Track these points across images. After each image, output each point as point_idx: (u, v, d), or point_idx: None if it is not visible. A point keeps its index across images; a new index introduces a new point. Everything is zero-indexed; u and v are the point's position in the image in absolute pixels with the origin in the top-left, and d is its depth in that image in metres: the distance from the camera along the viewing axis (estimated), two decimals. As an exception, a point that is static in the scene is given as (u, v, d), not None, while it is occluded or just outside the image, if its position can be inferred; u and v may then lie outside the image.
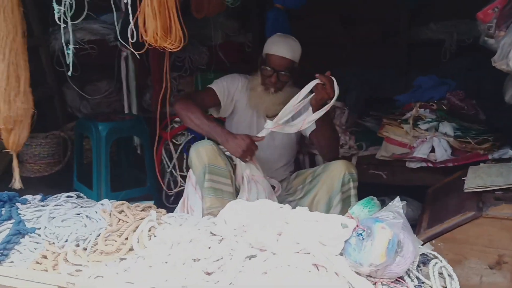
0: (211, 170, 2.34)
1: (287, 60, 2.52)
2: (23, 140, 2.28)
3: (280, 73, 2.53)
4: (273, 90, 2.57)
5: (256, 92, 2.62)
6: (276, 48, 2.54)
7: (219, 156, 2.38)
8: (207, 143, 2.39)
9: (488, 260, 2.18)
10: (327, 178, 2.46)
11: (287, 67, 2.53)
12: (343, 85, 4.25)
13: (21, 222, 1.99)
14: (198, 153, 2.37)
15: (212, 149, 2.36)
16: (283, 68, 2.53)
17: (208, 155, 2.34)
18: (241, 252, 1.71)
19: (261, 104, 2.60)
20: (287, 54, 2.52)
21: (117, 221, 1.98)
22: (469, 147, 2.90)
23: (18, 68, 2.16)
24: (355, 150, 3.18)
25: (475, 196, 2.33)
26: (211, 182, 2.34)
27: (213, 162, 2.35)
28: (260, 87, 2.60)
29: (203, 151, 2.36)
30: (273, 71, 2.54)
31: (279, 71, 2.53)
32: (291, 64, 2.55)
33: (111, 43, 4.31)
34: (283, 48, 2.54)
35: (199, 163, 2.36)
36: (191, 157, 2.41)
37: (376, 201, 1.90)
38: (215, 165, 2.35)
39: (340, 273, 1.58)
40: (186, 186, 2.62)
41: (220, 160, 2.37)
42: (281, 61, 2.51)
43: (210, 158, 2.34)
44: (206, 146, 2.37)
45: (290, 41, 2.59)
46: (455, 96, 3.26)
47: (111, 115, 3.58)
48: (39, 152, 3.86)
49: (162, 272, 1.70)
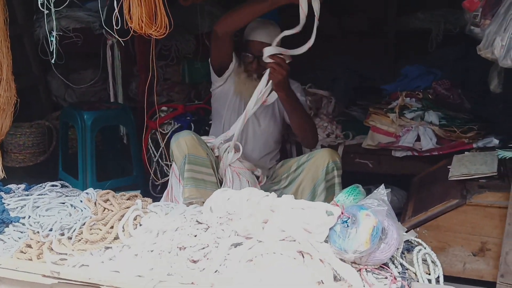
0: (191, 160, 2.31)
1: (266, 44, 2.48)
2: (6, 128, 2.25)
3: (260, 59, 2.50)
4: (256, 76, 2.56)
5: (239, 79, 2.62)
6: (255, 34, 2.54)
7: (200, 146, 2.35)
8: (187, 134, 2.37)
9: (472, 247, 2.21)
10: (312, 167, 2.47)
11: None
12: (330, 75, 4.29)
13: (4, 211, 1.97)
14: (178, 144, 2.34)
15: (192, 139, 2.33)
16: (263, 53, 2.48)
17: (188, 145, 2.31)
18: (227, 240, 1.71)
19: (245, 90, 2.59)
20: (267, 39, 2.50)
21: (102, 210, 1.96)
22: (454, 136, 2.93)
23: (0, 55, 2.13)
24: (342, 139, 3.19)
25: (459, 184, 2.36)
26: (192, 172, 2.31)
27: (193, 152, 2.32)
28: (243, 74, 2.60)
29: (183, 141, 2.33)
30: (253, 57, 2.54)
31: (259, 56, 2.50)
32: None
33: (97, 31, 4.26)
34: (261, 34, 2.53)
35: (179, 153, 2.33)
36: (171, 148, 2.38)
37: (361, 189, 1.91)
38: (196, 155, 2.32)
39: (325, 260, 1.59)
40: (170, 177, 2.60)
41: (201, 150, 2.35)
42: (261, 46, 2.47)
43: (189, 148, 2.31)
44: (186, 136, 2.34)
45: (268, 25, 2.57)
46: (441, 85, 3.28)
47: (97, 104, 3.55)
48: (24, 142, 3.81)
49: (147, 261, 1.70)
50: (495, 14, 2.08)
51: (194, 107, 3.64)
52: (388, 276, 1.61)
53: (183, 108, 3.53)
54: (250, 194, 1.88)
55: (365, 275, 1.59)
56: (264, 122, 2.68)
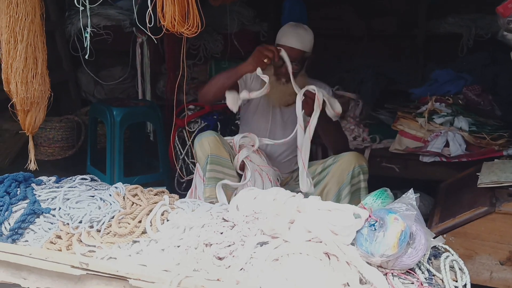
0: (214, 161, 2.34)
1: (297, 50, 2.48)
2: (39, 122, 2.30)
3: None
4: (285, 80, 2.54)
5: (268, 82, 2.60)
6: (286, 39, 2.51)
7: (222, 146, 2.37)
8: (210, 134, 2.39)
9: (499, 256, 2.17)
10: (337, 170, 2.45)
11: (297, 57, 2.49)
12: (358, 77, 4.27)
13: (36, 202, 2.01)
14: (201, 144, 2.36)
15: (215, 140, 2.36)
16: (293, 59, 2.47)
17: (211, 146, 2.34)
18: (253, 238, 1.72)
19: (273, 94, 2.57)
20: (297, 45, 2.48)
21: (130, 204, 1.99)
22: (484, 143, 2.88)
23: (36, 50, 2.17)
24: (368, 142, 3.16)
25: (488, 192, 2.31)
26: (214, 172, 2.33)
27: (216, 152, 2.34)
28: (272, 77, 2.57)
29: (206, 141, 2.35)
30: (282, 62, 2.48)
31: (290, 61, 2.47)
32: (302, 54, 2.51)
33: (127, 29, 4.33)
34: (293, 39, 2.50)
35: (202, 154, 2.36)
36: (195, 149, 2.41)
37: (389, 192, 1.89)
38: (218, 155, 2.35)
39: (351, 262, 1.58)
40: (194, 176, 2.61)
41: (223, 151, 2.37)
42: (291, 52, 2.46)
43: (212, 148, 2.34)
44: (209, 137, 2.37)
45: (300, 31, 2.54)
46: (471, 90, 3.22)
47: (126, 100, 3.60)
48: (53, 136, 3.90)
49: (174, 256, 1.72)
50: (531, 20, 2.05)
51: (220, 106, 3.66)
52: (414, 281, 1.59)
53: (210, 107, 3.55)
54: (276, 194, 1.89)
55: (391, 279, 1.58)
56: (292, 126, 2.67)
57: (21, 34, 2.13)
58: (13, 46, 2.13)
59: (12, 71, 2.16)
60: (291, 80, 2.39)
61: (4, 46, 2.12)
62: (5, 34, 2.10)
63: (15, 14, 2.11)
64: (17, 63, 2.15)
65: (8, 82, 2.18)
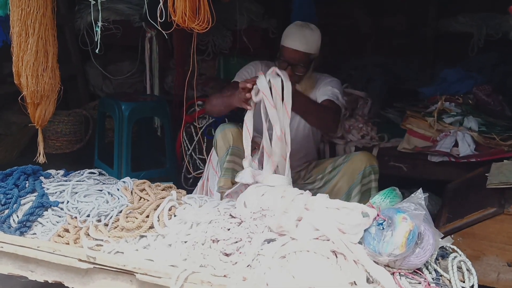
0: (235, 152, 2.33)
1: (300, 53, 2.43)
2: (48, 115, 2.31)
3: (294, 66, 2.45)
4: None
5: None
6: (289, 41, 2.45)
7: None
8: (233, 125, 2.39)
9: (507, 257, 2.16)
10: (348, 169, 2.44)
11: (301, 60, 2.45)
12: (366, 75, 4.25)
13: (44, 195, 2.02)
14: (224, 134, 2.36)
15: (238, 131, 2.34)
16: (297, 61, 2.44)
17: (234, 137, 2.33)
18: (260, 235, 1.72)
19: None
20: (301, 47, 2.43)
21: (138, 199, 2.00)
22: (493, 143, 2.86)
23: (47, 43, 2.17)
24: (377, 141, 3.14)
25: (497, 193, 2.30)
26: (232, 163, 2.34)
27: (238, 144, 2.32)
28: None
29: (229, 132, 2.35)
30: (287, 64, 2.45)
31: (293, 64, 2.44)
32: (306, 57, 2.45)
33: (136, 24, 4.33)
34: (296, 41, 2.44)
35: (224, 144, 2.35)
36: (216, 138, 2.40)
37: (397, 191, 1.88)
38: (240, 147, 2.32)
39: (359, 261, 1.58)
40: (206, 168, 2.62)
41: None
42: (295, 55, 2.43)
43: (235, 139, 2.33)
44: (232, 128, 2.37)
45: (306, 32, 2.47)
46: (481, 90, 3.20)
47: (134, 95, 3.60)
48: (61, 129, 3.91)
49: (181, 251, 1.72)
50: (544, 20, 2.03)
51: (228, 102, 3.66)
52: (422, 281, 1.59)
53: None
54: (284, 191, 1.88)
55: (398, 279, 1.58)
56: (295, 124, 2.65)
57: (32, 27, 2.14)
58: (24, 39, 2.14)
59: (23, 64, 2.16)
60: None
61: (16, 39, 2.13)
62: (17, 27, 2.11)
63: (26, 7, 2.11)
64: (28, 56, 2.15)
65: (18, 75, 2.19)
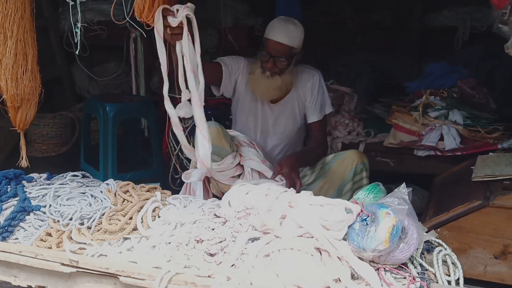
0: (214, 151, 2.29)
1: (283, 45, 2.45)
2: (30, 118, 2.28)
3: (276, 59, 2.46)
4: (269, 74, 2.51)
5: (253, 76, 2.56)
6: (273, 33, 2.47)
7: (224, 137, 2.36)
8: (213, 125, 2.37)
9: (494, 249, 2.17)
10: (339, 167, 2.46)
11: (283, 52, 2.46)
12: (353, 72, 4.25)
13: (26, 200, 2.00)
14: None
15: (217, 131, 2.34)
16: (280, 54, 2.46)
17: (213, 136, 2.31)
18: (244, 234, 1.71)
19: (257, 87, 2.55)
20: (284, 40, 2.44)
21: (121, 201, 1.98)
22: (478, 136, 2.87)
23: (26, 46, 2.15)
24: (363, 136, 3.15)
25: (482, 185, 2.31)
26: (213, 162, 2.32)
27: (218, 143, 2.32)
28: (258, 70, 2.54)
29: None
30: (269, 56, 2.47)
31: (275, 56, 2.46)
32: (289, 50, 2.47)
33: (121, 24, 4.29)
34: (280, 33, 2.46)
35: None
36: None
37: (381, 187, 1.88)
38: (219, 146, 2.33)
39: (343, 257, 1.57)
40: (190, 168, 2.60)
41: (225, 142, 2.35)
42: (277, 47, 2.44)
43: (214, 139, 2.30)
44: (211, 127, 2.33)
45: (289, 25, 2.50)
46: (466, 84, 3.21)
47: (119, 96, 3.58)
48: (47, 132, 3.89)
49: (165, 252, 1.71)
50: (525, 11, 2.03)
51: (215, 102, 3.64)
52: (407, 276, 1.58)
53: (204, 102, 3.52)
54: (268, 189, 1.88)
55: (383, 274, 1.57)
56: (284, 122, 2.66)
57: (11, 30, 2.11)
58: (3, 42, 2.11)
59: (2, 68, 2.14)
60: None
61: (-6, 42, 2.10)
62: (-5, 30, 2.08)
63: (4, 10, 2.09)
64: (6, 60, 2.13)
65: (-2, 78, 2.16)
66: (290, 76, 2.52)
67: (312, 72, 2.64)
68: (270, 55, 2.46)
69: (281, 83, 2.50)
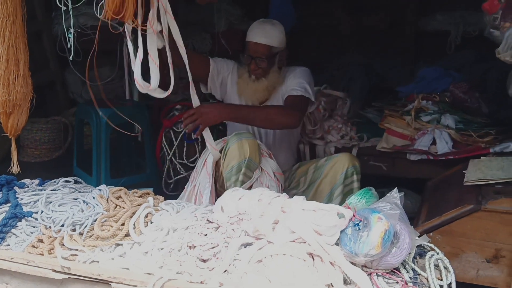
0: (249, 165, 2.29)
1: (262, 45, 2.49)
2: (21, 124, 2.26)
3: (257, 59, 2.51)
4: (254, 77, 2.55)
5: (242, 79, 2.62)
6: (251, 35, 2.53)
7: (258, 152, 2.33)
8: (250, 136, 2.34)
9: (486, 253, 2.17)
10: (330, 171, 2.47)
11: (262, 52, 2.50)
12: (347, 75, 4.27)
13: (18, 206, 1.99)
14: (241, 145, 2.29)
15: (253, 144, 2.31)
16: (259, 54, 2.50)
17: (251, 149, 2.28)
18: (237, 240, 1.70)
19: (244, 91, 2.60)
20: (261, 40, 2.48)
21: (114, 207, 1.97)
22: (470, 140, 2.88)
23: (18, 51, 2.14)
24: (356, 141, 3.16)
25: (475, 190, 2.32)
26: (245, 176, 2.30)
27: (253, 157, 2.30)
28: (245, 75, 2.60)
29: (246, 143, 2.29)
30: (250, 58, 2.52)
31: (256, 57, 2.51)
32: (268, 49, 2.51)
33: (114, 28, 4.29)
34: (257, 34, 2.51)
35: (239, 154, 2.29)
36: (230, 145, 2.32)
37: (373, 191, 1.88)
38: (253, 160, 2.31)
39: (335, 262, 1.58)
40: (197, 171, 2.53)
41: (257, 156, 2.33)
42: (256, 47, 2.49)
43: (251, 152, 2.28)
44: (249, 139, 2.31)
45: (266, 26, 2.54)
46: (458, 88, 3.22)
47: (112, 101, 3.56)
48: (40, 137, 3.86)
49: (157, 259, 1.70)
50: (515, 17, 2.05)
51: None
52: (399, 281, 1.59)
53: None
54: (261, 195, 1.88)
55: (375, 279, 1.57)
56: None
57: (2, 35, 2.10)
58: (-6, 48, 2.10)
59: (-7, 73, 2.13)
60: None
61: (-16, 48, 2.09)
62: (-15, 36, 2.07)
63: (-5, 16, 2.07)
64: (-2, 65, 2.12)
65: (-11, 84, 2.15)
66: (275, 75, 2.56)
67: (298, 68, 2.66)
68: (252, 57, 2.52)
69: (267, 84, 2.55)
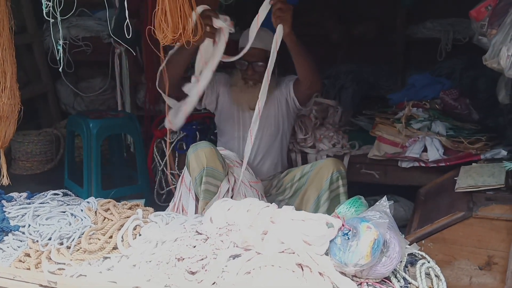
0: (209, 173, 2.30)
1: (258, 50, 2.51)
2: (9, 136, 2.24)
3: (254, 64, 2.54)
4: (252, 83, 2.58)
5: (237, 87, 2.64)
6: (245, 41, 2.49)
7: (217, 159, 2.34)
8: (207, 145, 2.36)
9: (478, 260, 2.16)
10: (315, 177, 2.45)
11: (259, 57, 2.53)
12: (338, 83, 4.27)
13: (5, 220, 1.97)
14: (197, 155, 2.32)
15: (211, 151, 2.32)
16: (256, 59, 2.53)
17: (207, 158, 2.30)
18: (226, 251, 1.69)
19: (242, 97, 2.62)
20: (257, 44, 2.48)
21: (102, 219, 1.95)
22: (461, 147, 2.88)
23: (5, 63, 2.12)
24: (348, 149, 3.15)
25: (466, 196, 2.31)
26: (208, 184, 2.30)
27: (212, 165, 2.31)
28: (240, 82, 2.63)
29: (202, 153, 2.31)
30: (247, 64, 2.55)
31: (253, 62, 2.53)
32: (264, 53, 2.52)
33: (106, 40, 4.30)
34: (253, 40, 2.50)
35: (197, 165, 2.31)
36: (189, 159, 2.35)
37: (363, 200, 1.88)
38: (214, 168, 2.31)
39: (325, 273, 1.56)
40: (178, 186, 2.57)
41: (218, 163, 2.34)
42: (253, 52, 2.48)
43: (209, 160, 2.30)
44: (205, 148, 2.33)
45: (260, 31, 2.48)
46: (448, 95, 3.23)
47: (103, 112, 3.56)
48: (31, 150, 3.85)
49: (145, 271, 1.68)
50: (502, 24, 2.05)
51: (200, 116, 3.63)
52: (389, 290, 1.58)
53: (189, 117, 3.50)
54: (250, 205, 1.86)
55: (365, 289, 1.56)
56: (264, 129, 2.67)
57: (-12, 48, 2.09)
58: (-19, 60, 2.09)
59: (-20, 86, 2.12)
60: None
61: (-29, 60, 2.08)
62: (-28, 48, 2.06)
63: (-18, 28, 2.07)
64: (-15, 78, 2.11)
65: (-24, 97, 2.14)
66: (272, 79, 2.55)
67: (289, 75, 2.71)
68: (248, 62, 2.54)
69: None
